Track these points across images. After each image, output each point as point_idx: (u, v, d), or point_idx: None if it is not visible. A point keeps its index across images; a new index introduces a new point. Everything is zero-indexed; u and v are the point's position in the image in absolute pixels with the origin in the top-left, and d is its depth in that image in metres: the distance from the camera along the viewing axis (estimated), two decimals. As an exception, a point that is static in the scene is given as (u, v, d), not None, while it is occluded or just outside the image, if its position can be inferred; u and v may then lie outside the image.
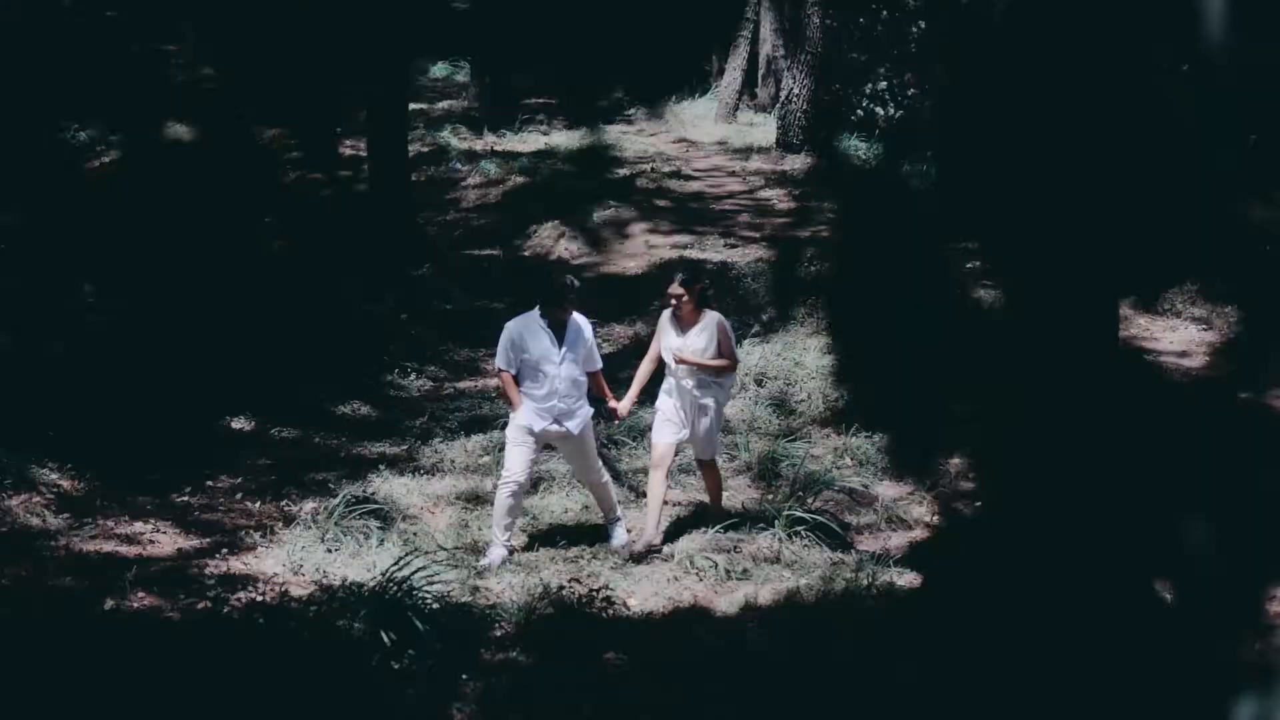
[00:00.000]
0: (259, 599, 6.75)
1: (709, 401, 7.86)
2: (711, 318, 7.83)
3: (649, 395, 8.31)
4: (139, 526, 8.01)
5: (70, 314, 9.93)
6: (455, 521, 8.31)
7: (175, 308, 10.96)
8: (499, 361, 7.86)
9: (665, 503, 8.09)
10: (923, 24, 19.01)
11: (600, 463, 8.11)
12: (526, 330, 7.73)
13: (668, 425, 7.89)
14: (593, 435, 8.04)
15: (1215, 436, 8.81)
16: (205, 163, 15.48)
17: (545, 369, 7.69)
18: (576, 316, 7.84)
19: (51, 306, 9.96)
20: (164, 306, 10.79)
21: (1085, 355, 6.44)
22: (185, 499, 8.59)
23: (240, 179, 14.77)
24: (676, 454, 8.23)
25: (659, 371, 8.07)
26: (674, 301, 7.82)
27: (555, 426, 7.75)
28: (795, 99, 16.77)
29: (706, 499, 8.28)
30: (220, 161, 15.45)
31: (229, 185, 14.71)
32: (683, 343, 7.80)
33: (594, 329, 12.37)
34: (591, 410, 7.95)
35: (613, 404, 8.09)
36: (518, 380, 7.78)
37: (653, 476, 7.91)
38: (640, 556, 7.70)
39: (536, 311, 7.77)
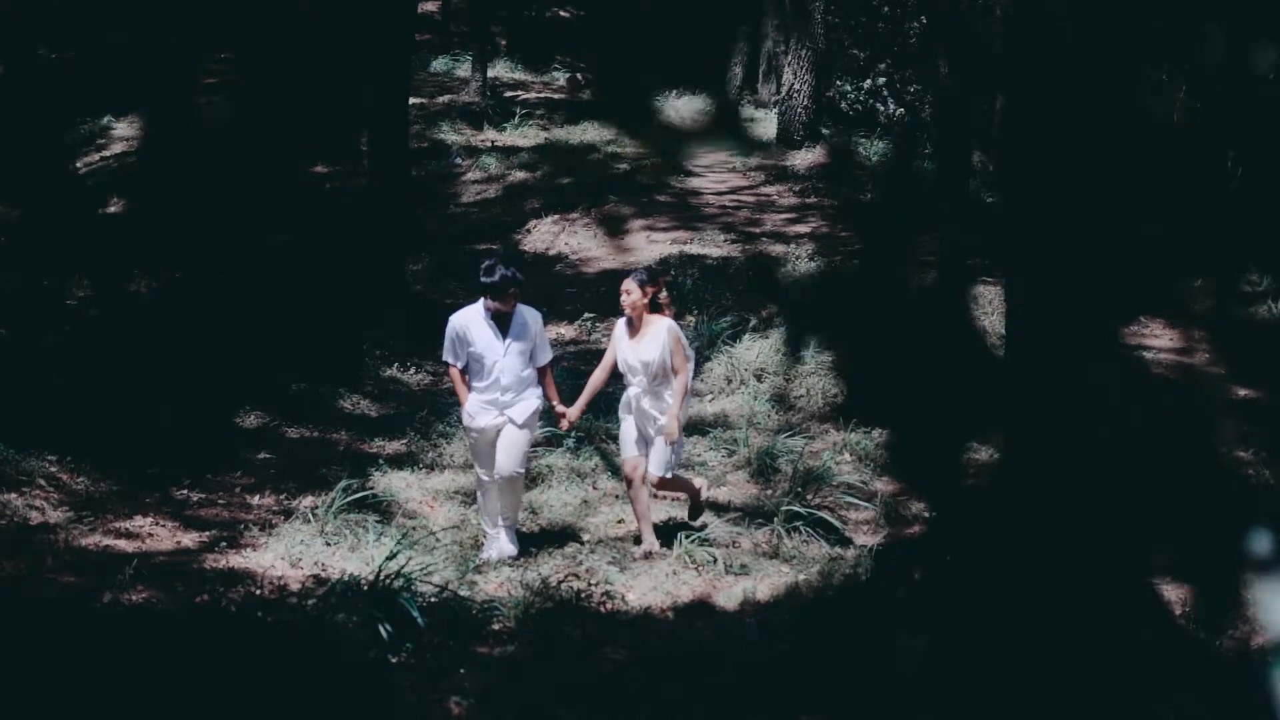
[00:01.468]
0: (257, 592, 6.76)
1: (664, 418, 7.69)
2: (661, 325, 7.60)
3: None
4: (139, 521, 8.01)
5: (69, 308, 9.93)
6: (454, 516, 8.32)
7: (175, 305, 10.98)
8: (446, 356, 7.71)
9: (657, 498, 8.08)
10: (924, 20, 19.05)
11: (523, 464, 7.79)
12: (470, 322, 7.58)
13: (631, 440, 7.74)
14: (532, 432, 7.80)
15: (1213, 431, 8.82)
16: (221, 156, 15.49)
17: (488, 361, 7.52)
18: (523, 308, 7.64)
19: (52, 300, 9.97)
20: (164, 304, 10.81)
21: (1083, 354, 6.45)
22: (185, 493, 8.60)
23: (252, 174, 14.79)
24: None
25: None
26: (622, 295, 7.63)
27: (499, 418, 7.61)
28: (796, 95, 16.78)
29: (704, 491, 8.21)
30: (235, 156, 15.48)
31: (237, 180, 14.74)
32: (634, 354, 7.61)
33: (593, 324, 12.28)
34: (540, 404, 7.73)
35: (560, 409, 7.85)
36: (467, 375, 7.64)
37: (631, 493, 7.80)
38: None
39: (481, 303, 7.60)
